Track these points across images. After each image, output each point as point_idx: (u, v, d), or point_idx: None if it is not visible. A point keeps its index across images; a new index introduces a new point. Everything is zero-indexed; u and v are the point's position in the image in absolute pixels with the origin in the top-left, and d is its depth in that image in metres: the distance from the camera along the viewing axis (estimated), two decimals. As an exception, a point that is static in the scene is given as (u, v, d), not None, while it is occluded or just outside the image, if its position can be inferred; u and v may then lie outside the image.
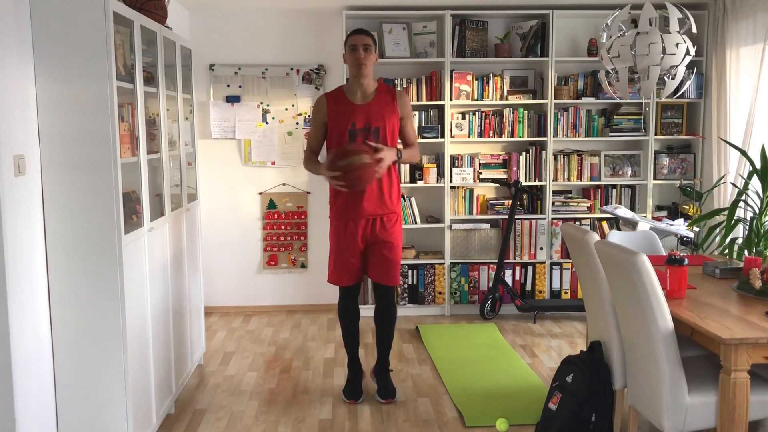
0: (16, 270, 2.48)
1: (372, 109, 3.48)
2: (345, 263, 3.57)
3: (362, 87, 3.50)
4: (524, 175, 5.34)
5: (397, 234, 3.60)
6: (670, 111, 5.36)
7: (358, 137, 3.45)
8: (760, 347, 2.43)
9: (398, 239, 3.61)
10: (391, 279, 3.59)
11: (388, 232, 3.55)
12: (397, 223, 3.60)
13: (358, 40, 3.44)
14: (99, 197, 2.71)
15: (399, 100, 3.54)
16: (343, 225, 3.55)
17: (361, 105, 3.49)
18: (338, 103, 3.51)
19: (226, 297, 5.52)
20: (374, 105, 3.49)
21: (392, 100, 3.52)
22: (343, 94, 3.54)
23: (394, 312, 3.69)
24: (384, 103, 3.51)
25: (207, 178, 5.35)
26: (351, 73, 3.52)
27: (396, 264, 3.59)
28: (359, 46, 3.43)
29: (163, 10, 3.37)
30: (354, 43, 3.44)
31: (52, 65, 2.64)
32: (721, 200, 4.82)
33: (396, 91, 3.56)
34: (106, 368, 2.80)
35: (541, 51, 5.22)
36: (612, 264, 2.78)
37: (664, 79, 3.34)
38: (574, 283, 5.38)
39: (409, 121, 3.61)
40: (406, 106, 3.57)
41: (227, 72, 5.32)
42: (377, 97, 3.51)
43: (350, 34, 3.50)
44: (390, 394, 3.68)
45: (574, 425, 2.94)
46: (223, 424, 3.42)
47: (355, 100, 3.50)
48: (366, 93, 3.51)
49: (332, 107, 3.51)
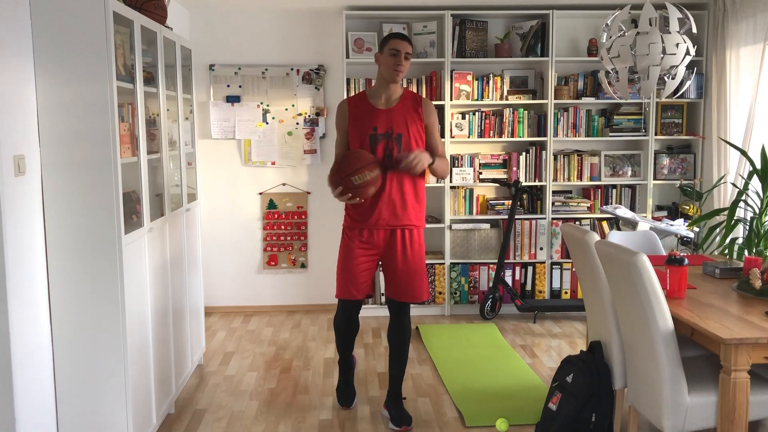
0: (16, 270, 2.48)
1: (395, 115, 3.30)
2: (357, 276, 3.34)
3: (388, 92, 3.32)
4: (524, 175, 5.34)
5: (421, 248, 3.37)
6: (670, 111, 5.36)
7: (379, 143, 3.28)
8: (760, 347, 2.43)
9: (422, 254, 3.37)
10: (414, 295, 3.36)
11: (407, 248, 3.32)
12: (419, 236, 3.37)
13: (402, 47, 3.23)
14: (99, 197, 2.71)
15: (424, 107, 3.34)
16: (357, 234, 3.34)
17: (384, 110, 3.31)
18: (360, 107, 3.34)
19: (226, 297, 5.52)
20: (397, 111, 3.31)
21: (417, 106, 3.33)
22: (365, 98, 3.36)
23: (408, 327, 3.44)
24: (408, 109, 3.32)
25: (207, 178, 5.35)
26: (381, 76, 3.31)
27: (419, 280, 3.35)
28: (402, 53, 3.23)
29: (163, 10, 3.37)
30: (397, 48, 3.23)
31: (52, 65, 2.64)
32: (721, 200, 4.82)
33: (421, 99, 3.37)
34: (106, 368, 2.80)
35: (541, 51, 5.22)
36: (612, 264, 2.78)
37: (664, 79, 3.33)
38: (574, 283, 5.38)
39: (435, 130, 3.39)
40: (431, 114, 3.36)
41: (227, 72, 5.32)
42: (401, 103, 3.32)
43: (392, 37, 3.27)
44: (405, 420, 3.37)
45: (574, 425, 2.94)
46: (223, 424, 3.42)
47: (378, 104, 3.32)
48: (390, 99, 3.33)
49: (354, 112, 3.33)
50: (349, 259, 3.34)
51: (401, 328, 3.42)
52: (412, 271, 3.33)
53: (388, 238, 3.33)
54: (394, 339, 3.44)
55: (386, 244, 3.33)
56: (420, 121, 3.33)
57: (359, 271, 3.34)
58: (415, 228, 3.34)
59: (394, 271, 3.34)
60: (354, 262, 3.33)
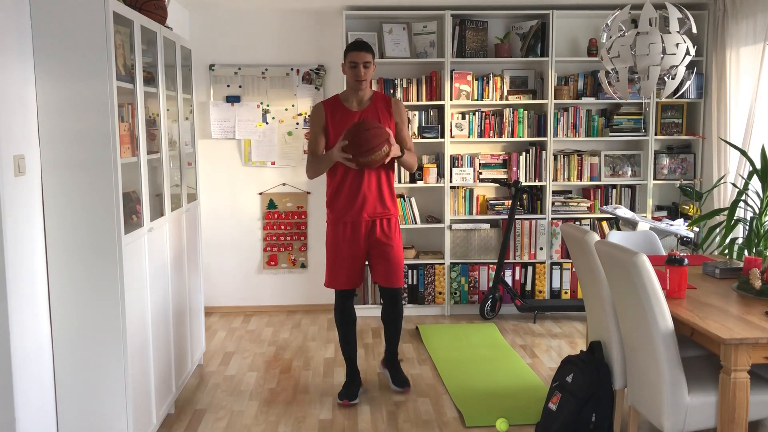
0: (16, 270, 2.48)
1: (367, 115, 3.59)
2: (344, 267, 3.63)
3: (358, 96, 3.62)
4: (524, 175, 5.34)
5: (398, 236, 3.70)
6: (670, 111, 5.36)
7: None
8: (760, 347, 2.43)
9: (399, 241, 3.71)
10: (397, 281, 3.70)
11: (388, 236, 3.65)
12: (396, 224, 3.70)
13: (359, 58, 3.51)
14: (99, 197, 2.71)
15: (394, 107, 3.66)
16: (342, 228, 3.62)
17: (357, 111, 3.61)
18: (336, 110, 3.62)
19: (226, 297, 5.52)
20: (369, 111, 3.61)
21: (387, 106, 3.65)
22: (339, 101, 3.66)
23: (400, 310, 3.80)
24: (379, 109, 3.63)
25: (207, 178, 5.35)
26: (349, 84, 3.63)
27: (400, 266, 3.69)
28: (359, 64, 3.52)
29: (163, 10, 3.37)
30: (354, 61, 3.52)
31: (52, 65, 2.64)
32: (721, 200, 4.82)
33: (391, 99, 3.69)
34: (106, 368, 2.80)
35: (541, 51, 5.22)
36: (612, 264, 2.78)
37: (664, 79, 3.33)
38: (574, 283, 5.38)
39: (404, 126, 3.70)
40: (401, 112, 3.68)
41: (227, 72, 5.32)
42: (372, 105, 3.63)
43: (350, 49, 3.55)
44: (404, 382, 3.82)
45: (574, 425, 2.94)
46: (223, 424, 3.42)
47: (352, 107, 3.63)
48: (362, 101, 3.63)
49: (330, 114, 3.62)
50: (334, 251, 3.65)
51: (394, 308, 3.77)
52: (397, 258, 3.67)
53: (370, 228, 3.63)
54: (388, 318, 3.80)
55: (368, 234, 3.63)
56: (391, 119, 3.63)
57: (345, 263, 3.63)
58: (393, 217, 3.68)
59: (379, 259, 3.66)
60: (339, 254, 3.63)
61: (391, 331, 3.83)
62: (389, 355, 3.88)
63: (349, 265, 3.63)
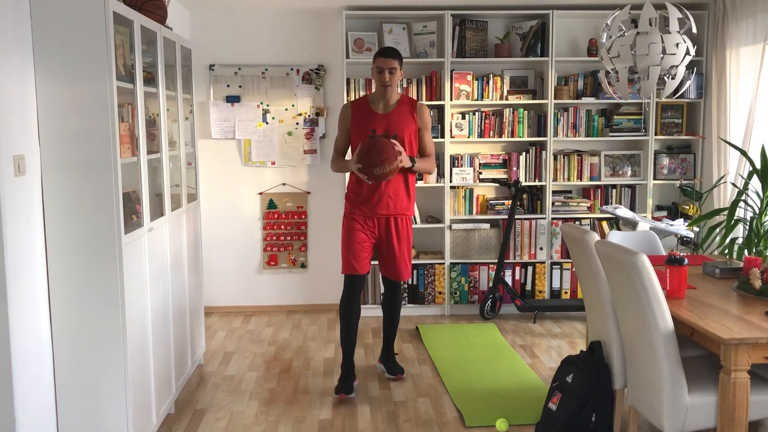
0: (16, 270, 2.48)
1: (392, 119, 3.74)
2: (359, 253, 3.77)
3: (385, 99, 3.76)
4: (524, 175, 5.34)
5: (409, 234, 3.88)
6: (670, 111, 5.36)
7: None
8: (760, 347, 2.43)
9: (410, 239, 3.89)
10: (403, 276, 3.90)
11: (400, 233, 3.82)
12: (409, 223, 3.88)
13: (385, 64, 3.68)
14: (99, 197, 2.71)
15: (419, 111, 3.80)
16: (358, 218, 3.78)
17: (382, 114, 3.76)
18: (361, 111, 3.78)
19: (226, 297, 5.52)
20: (394, 115, 3.75)
21: (412, 110, 3.78)
22: (366, 103, 3.81)
23: (400, 297, 4.04)
24: (404, 113, 3.76)
25: (207, 178, 5.35)
26: (376, 88, 3.78)
27: (408, 263, 3.90)
28: (385, 70, 3.68)
29: (163, 10, 3.37)
30: (381, 66, 3.68)
31: (52, 65, 2.64)
32: (721, 200, 4.82)
33: (417, 103, 3.82)
34: (106, 368, 2.80)
35: (541, 51, 5.22)
36: (612, 264, 2.78)
37: (664, 79, 3.33)
38: (574, 283, 5.38)
39: (426, 132, 3.85)
40: (424, 117, 3.83)
41: (227, 72, 5.32)
42: (398, 108, 3.76)
43: (378, 55, 3.71)
44: (398, 370, 4.01)
45: (574, 425, 2.94)
46: (223, 424, 3.42)
47: (377, 109, 3.77)
48: (388, 104, 3.77)
49: (356, 115, 3.78)
50: (351, 239, 3.78)
51: (394, 297, 4.01)
52: (404, 255, 3.85)
53: (384, 224, 3.78)
54: (387, 307, 4.02)
55: (382, 230, 3.79)
56: (414, 124, 3.78)
57: (360, 249, 3.77)
58: (406, 216, 3.84)
59: (389, 254, 3.83)
60: (356, 241, 3.77)
61: (390, 320, 4.01)
62: (386, 348, 4.06)
63: (363, 252, 3.77)
